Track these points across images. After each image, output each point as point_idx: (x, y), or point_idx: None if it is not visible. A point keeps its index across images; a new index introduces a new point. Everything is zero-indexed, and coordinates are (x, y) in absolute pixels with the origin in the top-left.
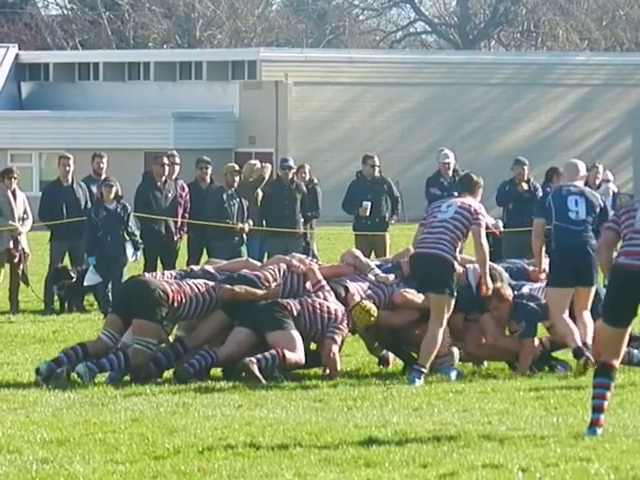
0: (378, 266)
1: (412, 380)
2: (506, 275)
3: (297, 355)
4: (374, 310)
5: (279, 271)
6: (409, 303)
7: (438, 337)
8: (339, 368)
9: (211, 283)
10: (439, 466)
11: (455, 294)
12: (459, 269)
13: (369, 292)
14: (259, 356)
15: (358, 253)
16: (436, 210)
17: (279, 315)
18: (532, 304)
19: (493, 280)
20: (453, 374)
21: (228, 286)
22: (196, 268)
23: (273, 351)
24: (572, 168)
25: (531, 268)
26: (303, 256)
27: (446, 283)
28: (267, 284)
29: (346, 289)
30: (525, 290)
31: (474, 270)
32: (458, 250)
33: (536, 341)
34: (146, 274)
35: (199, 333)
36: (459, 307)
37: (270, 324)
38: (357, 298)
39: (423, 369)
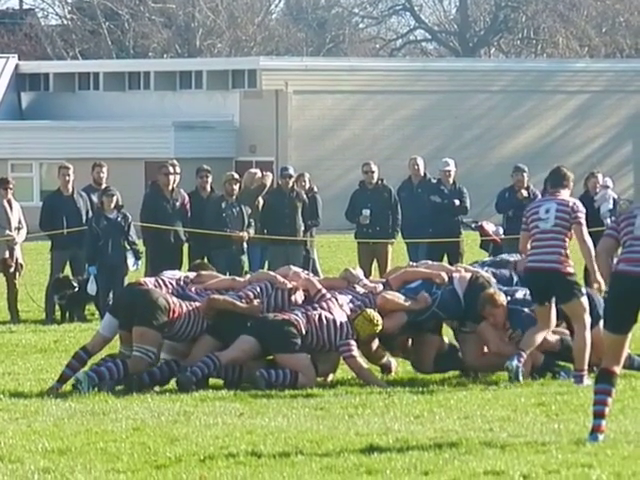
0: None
1: (578, 383)
2: (494, 281)
3: (308, 380)
4: (378, 319)
5: (262, 289)
6: (390, 303)
7: (587, 338)
8: (369, 375)
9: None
10: (440, 473)
11: (584, 291)
12: (445, 279)
13: (356, 302)
14: (272, 371)
15: (358, 272)
16: (535, 217)
17: (289, 335)
18: (527, 310)
19: (483, 287)
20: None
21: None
22: (191, 275)
23: (288, 371)
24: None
25: (513, 258)
26: (299, 269)
27: (571, 290)
28: (249, 301)
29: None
30: (519, 295)
31: (460, 279)
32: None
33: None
34: (146, 280)
35: (192, 358)
36: (450, 318)
37: (280, 345)
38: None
39: (583, 372)
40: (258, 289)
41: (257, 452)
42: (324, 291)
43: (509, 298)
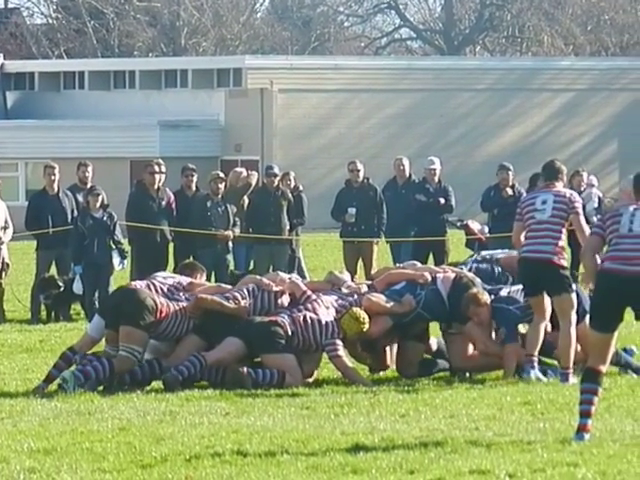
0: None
1: (563, 381)
2: (478, 280)
3: (295, 380)
4: (364, 317)
5: (248, 291)
6: (374, 306)
7: (572, 335)
8: (355, 374)
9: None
10: (426, 472)
11: (574, 287)
12: (428, 278)
13: (340, 302)
14: (259, 370)
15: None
16: (531, 208)
17: (275, 337)
18: (511, 307)
19: (467, 287)
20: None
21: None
22: (184, 281)
23: (275, 371)
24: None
25: (501, 255)
26: (286, 276)
27: (562, 283)
28: (236, 302)
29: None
30: (503, 293)
31: (443, 279)
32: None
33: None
34: (138, 283)
35: (176, 357)
36: (435, 319)
37: (266, 346)
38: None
39: (569, 370)
40: (245, 291)
41: (243, 451)
42: (309, 292)
43: (493, 296)
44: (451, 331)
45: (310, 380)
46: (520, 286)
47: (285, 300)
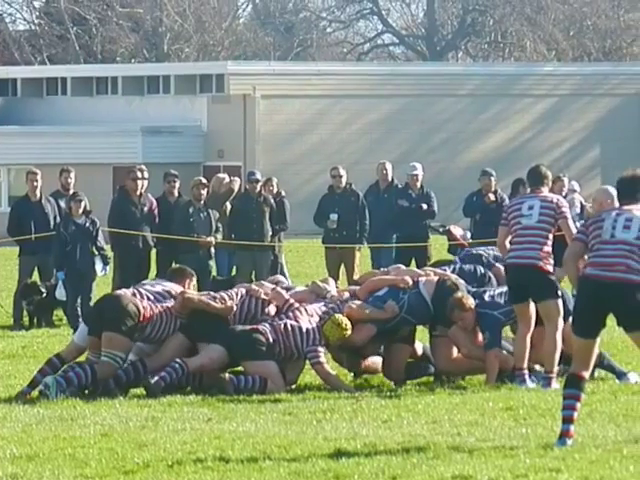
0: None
1: (545, 386)
2: (462, 282)
3: (277, 387)
4: (347, 323)
5: (237, 294)
6: (356, 314)
7: (558, 341)
8: (337, 381)
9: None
10: (408, 478)
11: (560, 293)
12: (409, 282)
13: (324, 309)
14: (241, 377)
15: (330, 282)
16: (517, 214)
17: (256, 344)
18: (495, 312)
19: (451, 291)
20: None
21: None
22: (174, 288)
23: (257, 377)
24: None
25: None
26: (271, 286)
27: (548, 289)
28: (222, 302)
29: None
30: (486, 297)
31: (426, 282)
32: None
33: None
34: (124, 292)
35: (160, 356)
36: (419, 322)
37: (248, 353)
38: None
39: (552, 374)
40: (234, 293)
41: (225, 457)
42: (292, 301)
43: (477, 301)
44: (435, 333)
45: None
46: (504, 288)
47: (272, 309)
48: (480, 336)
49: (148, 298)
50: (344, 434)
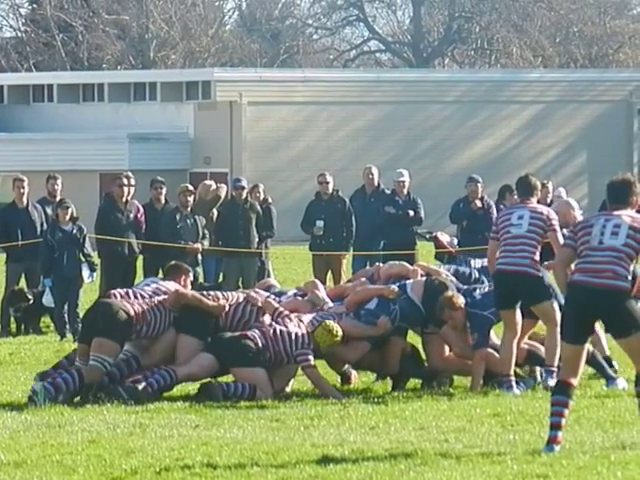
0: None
1: (546, 380)
2: (452, 280)
3: (266, 394)
4: (337, 329)
5: (232, 296)
6: (350, 331)
7: (557, 337)
8: (326, 385)
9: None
10: None
11: (553, 294)
12: (395, 288)
13: (317, 317)
14: (230, 384)
15: (319, 285)
16: (507, 224)
17: (246, 349)
18: (485, 312)
19: (440, 290)
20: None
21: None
22: (170, 287)
23: (246, 384)
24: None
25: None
26: (265, 293)
27: (541, 292)
28: (215, 300)
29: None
30: (477, 295)
31: (414, 286)
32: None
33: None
34: (115, 293)
35: (152, 352)
36: (413, 325)
37: (237, 359)
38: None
39: (553, 368)
40: (229, 294)
41: (213, 464)
42: (281, 309)
43: (468, 300)
44: (427, 331)
45: (286, 391)
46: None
47: (267, 319)
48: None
49: (142, 296)
50: (332, 440)
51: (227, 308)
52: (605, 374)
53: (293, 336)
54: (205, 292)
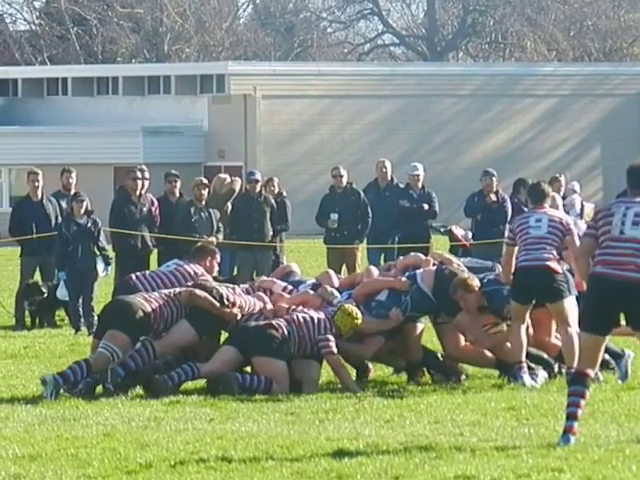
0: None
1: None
2: (464, 268)
3: (282, 388)
4: (357, 312)
5: (249, 305)
6: (364, 326)
7: (575, 337)
8: (346, 375)
9: (178, 289)
10: (411, 478)
11: (573, 292)
12: (405, 280)
13: (330, 308)
14: (247, 375)
15: (332, 277)
16: (525, 226)
17: (271, 338)
18: (504, 288)
19: (451, 277)
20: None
21: (189, 289)
22: (191, 270)
23: (262, 377)
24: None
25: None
26: (282, 284)
27: (557, 290)
28: (230, 306)
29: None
30: (490, 277)
31: (424, 275)
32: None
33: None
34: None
35: (168, 340)
36: (425, 314)
37: (261, 348)
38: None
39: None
40: (244, 302)
41: (227, 457)
42: (292, 307)
43: (485, 281)
44: (440, 321)
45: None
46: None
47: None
48: (486, 319)
49: (158, 285)
50: (346, 434)
51: (239, 317)
52: (609, 367)
53: (316, 320)
54: (225, 286)
